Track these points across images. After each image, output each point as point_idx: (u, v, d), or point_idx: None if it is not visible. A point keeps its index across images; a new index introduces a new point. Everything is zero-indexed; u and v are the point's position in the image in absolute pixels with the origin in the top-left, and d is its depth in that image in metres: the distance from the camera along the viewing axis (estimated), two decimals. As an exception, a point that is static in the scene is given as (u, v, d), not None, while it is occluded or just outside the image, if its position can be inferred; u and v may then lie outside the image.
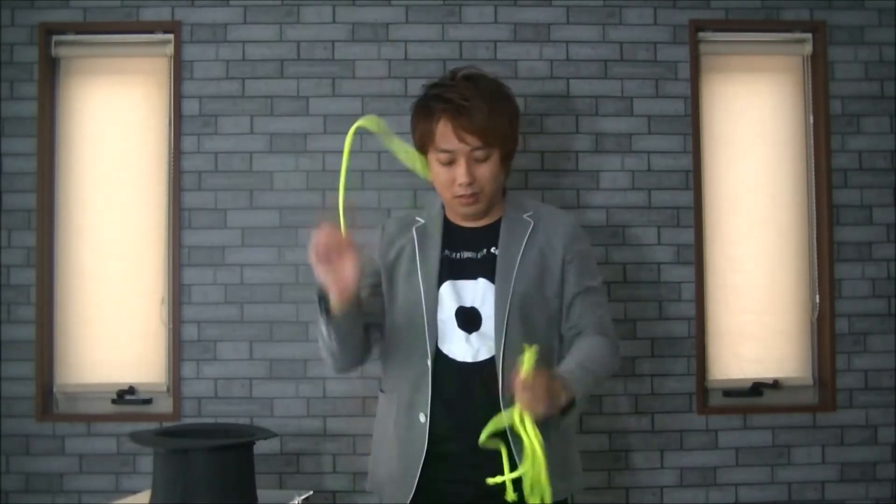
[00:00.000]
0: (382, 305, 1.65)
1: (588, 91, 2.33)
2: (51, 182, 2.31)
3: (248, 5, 2.32)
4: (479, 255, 1.61)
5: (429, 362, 1.55)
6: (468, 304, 1.57)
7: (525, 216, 1.65)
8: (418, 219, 1.69)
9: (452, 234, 1.65)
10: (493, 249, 1.61)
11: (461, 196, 1.58)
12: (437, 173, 1.60)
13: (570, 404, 1.45)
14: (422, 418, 1.54)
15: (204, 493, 1.73)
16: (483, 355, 1.55)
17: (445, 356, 1.56)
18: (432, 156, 1.60)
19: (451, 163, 1.57)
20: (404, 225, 1.69)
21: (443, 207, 1.69)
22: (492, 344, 1.55)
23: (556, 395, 1.40)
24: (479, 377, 1.54)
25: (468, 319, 1.57)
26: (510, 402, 1.50)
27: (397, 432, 1.58)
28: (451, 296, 1.58)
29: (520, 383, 1.36)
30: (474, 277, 1.58)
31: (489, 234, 1.63)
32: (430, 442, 1.53)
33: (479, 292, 1.58)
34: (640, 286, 2.30)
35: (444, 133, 1.56)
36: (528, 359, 1.35)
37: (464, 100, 1.54)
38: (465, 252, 1.62)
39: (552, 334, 1.62)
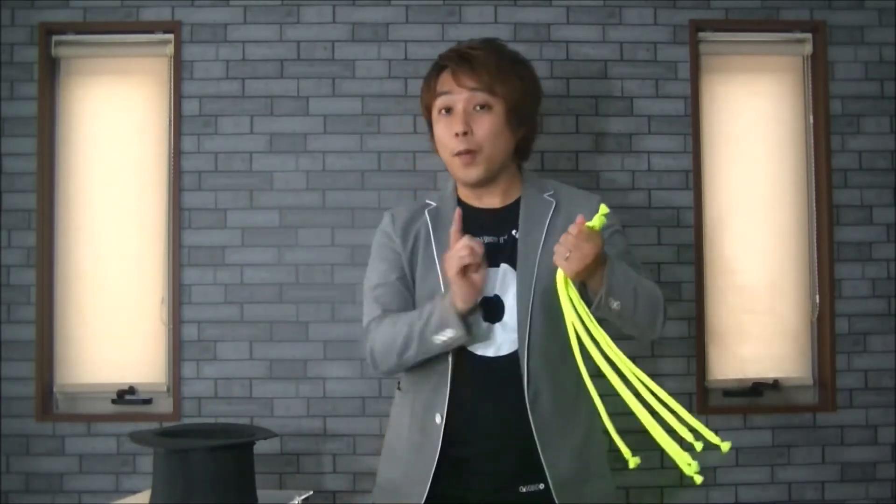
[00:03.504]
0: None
1: (588, 91, 2.33)
2: (51, 182, 2.31)
3: (248, 5, 2.32)
4: (501, 240, 1.51)
5: (449, 359, 1.44)
6: (490, 293, 1.46)
7: (546, 195, 1.56)
8: (429, 202, 1.60)
9: (469, 217, 1.49)
10: (514, 233, 1.51)
11: (459, 154, 1.48)
12: (439, 130, 1.52)
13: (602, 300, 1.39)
14: (437, 419, 1.44)
15: (204, 493, 1.73)
16: (505, 349, 1.45)
17: (467, 351, 1.45)
18: (435, 111, 1.53)
19: (450, 112, 1.50)
20: (416, 210, 1.60)
21: (455, 189, 1.60)
22: (514, 336, 1.45)
23: (592, 252, 1.31)
24: (500, 374, 1.44)
25: (490, 309, 1.46)
26: (534, 400, 1.44)
27: (411, 436, 1.49)
28: None
29: (577, 227, 1.31)
30: (496, 264, 1.47)
31: (509, 216, 1.53)
32: (444, 444, 1.44)
33: (499, 279, 1.47)
34: (640, 286, 2.29)
35: (445, 79, 1.51)
36: (601, 216, 1.33)
37: (471, 49, 1.50)
38: (486, 237, 1.49)
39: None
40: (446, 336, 1.38)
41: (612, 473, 1.64)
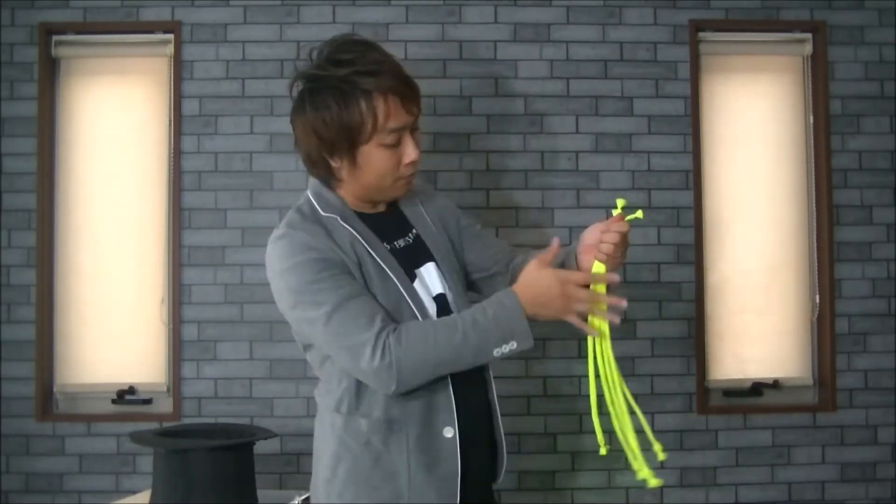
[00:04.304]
0: None
1: (588, 91, 2.33)
2: (51, 182, 2.31)
3: (248, 5, 2.32)
4: (411, 241, 1.47)
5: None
6: (435, 293, 1.43)
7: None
8: (330, 215, 1.43)
9: (375, 225, 1.45)
10: (414, 231, 1.49)
11: (406, 176, 1.42)
12: (381, 159, 1.37)
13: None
14: (448, 433, 1.36)
15: (204, 493, 1.73)
16: None
17: None
18: (374, 143, 1.36)
19: (396, 143, 1.38)
20: (320, 223, 1.42)
21: (339, 199, 1.46)
22: None
23: (628, 244, 1.35)
24: (469, 372, 1.38)
25: (443, 309, 1.42)
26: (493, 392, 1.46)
27: (412, 458, 1.35)
28: (423, 289, 1.42)
29: (624, 225, 1.30)
30: (422, 264, 1.45)
31: (400, 218, 1.51)
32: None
33: (435, 278, 1.44)
34: (640, 286, 2.30)
35: (394, 110, 1.35)
36: (626, 207, 1.32)
37: (398, 68, 1.38)
38: (399, 241, 1.46)
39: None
40: (509, 348, 1.30)
41: (612, 473, 1.65)
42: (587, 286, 1.31)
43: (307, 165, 1.46)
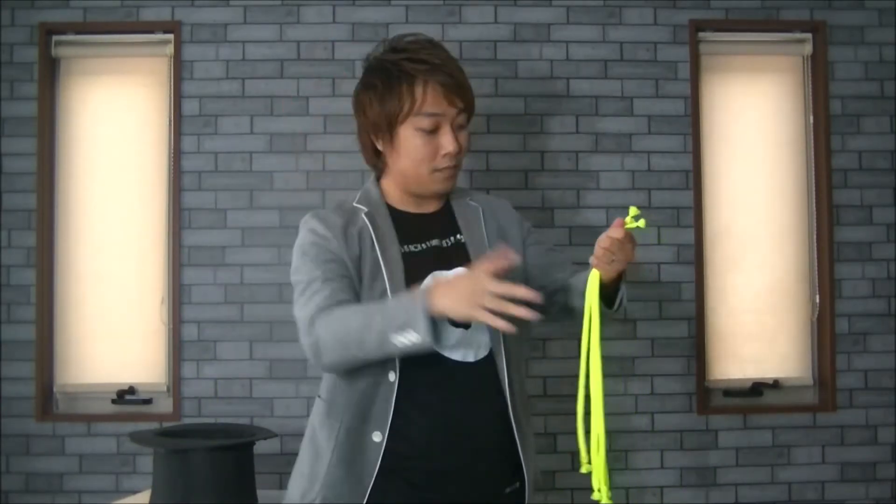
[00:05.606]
0: None
1: (588, 91, 2.33)
2: (51, 182, 2.31)
3: (248, 5, 2.32)
4: (445, 244, 1.49)
5: (392, 374, 1.39)
6: None
7: (469, 201, 1.57)
8: (358, 206, 1.50)
9: (409, 223, 1.50)
10: (459, 237, 1.50)
11: (444, 168, 1.45)
12: (417, 146, 1.44)
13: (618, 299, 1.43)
14: (376, 437, 1.39)
15: (204, 493, 1.73)
16: (482, 353, 1.44)
17: (444, 360, 1.41)
18: (409, 126, 1.44)
19: (433, 131, 1.44)
20: (347, 213, 1.49)
21: (381, 194, 1.53)
22: (486, 339, 1.44)
23: (633, 253, 1.34)
24: (481, 378, 1.43)
25: None
26: (513, 401, 1.45)
27: (336, 449, 1.42)
28: None
29: (620, 231, 1.29)
30: (450, 267, 1.45)
31: (446, 221, 1.52)
32: (428, 455, 1.39)
33: None
34: (640, 286, 2.29)
35: (433, 96, 1.42)
36: (635, 216, 1.31)
37: (442, 61, 1.45)
38: (431, 241, 1.49)
39: (525, 324, 1.54)
40: (409, 339, 1.27)
41: (612, 473, 1.64)
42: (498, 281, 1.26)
43: (361, 150, 1.55)
